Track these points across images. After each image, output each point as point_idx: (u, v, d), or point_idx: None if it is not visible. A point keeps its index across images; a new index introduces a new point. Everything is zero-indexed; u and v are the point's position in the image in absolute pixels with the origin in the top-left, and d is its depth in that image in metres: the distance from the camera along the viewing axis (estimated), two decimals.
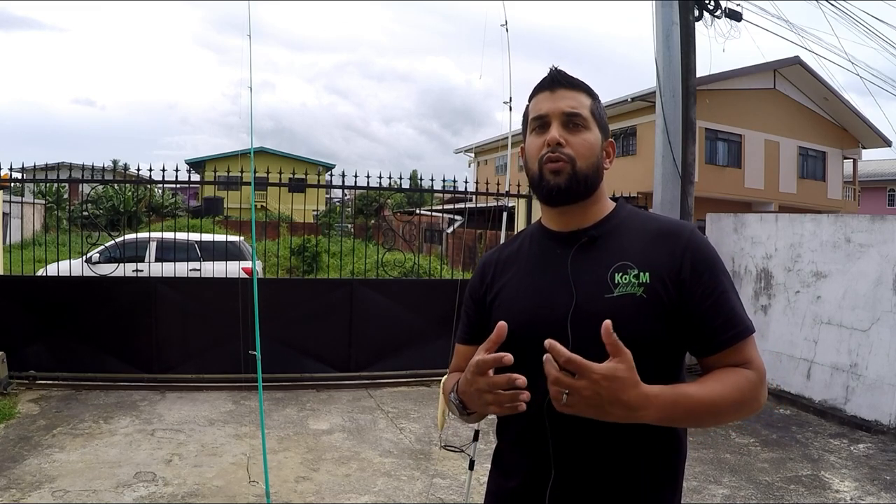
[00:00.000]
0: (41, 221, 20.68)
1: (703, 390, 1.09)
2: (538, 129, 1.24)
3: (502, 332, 1.07)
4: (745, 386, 1.12)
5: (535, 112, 1.25)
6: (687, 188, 6.67)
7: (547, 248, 1.27)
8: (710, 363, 1.18)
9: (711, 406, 1.09)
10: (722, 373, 1.15)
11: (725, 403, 1.10)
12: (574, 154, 1.20)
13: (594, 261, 1.20)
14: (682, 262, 1.16)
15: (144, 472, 3.88)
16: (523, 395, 1.03)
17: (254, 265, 3.52)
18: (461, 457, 4.05)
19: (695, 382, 1.13)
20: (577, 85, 1.24)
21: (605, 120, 1.28)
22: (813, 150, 19.60)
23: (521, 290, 1.26)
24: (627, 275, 1.16)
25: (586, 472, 1.15)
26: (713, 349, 1.17)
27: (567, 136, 1.20)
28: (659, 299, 1.15)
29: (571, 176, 1.19)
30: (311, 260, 13.55)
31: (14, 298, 5.75)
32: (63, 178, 6.61)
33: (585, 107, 1.23)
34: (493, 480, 1.34)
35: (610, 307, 1.14)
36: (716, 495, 3.86)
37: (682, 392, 1.08)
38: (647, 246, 1.19)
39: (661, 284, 1.15)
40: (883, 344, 5.20)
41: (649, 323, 1.14)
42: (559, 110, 1.21)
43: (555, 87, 1.23)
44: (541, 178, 1.22)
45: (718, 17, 6.93)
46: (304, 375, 6.07)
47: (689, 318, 1.16)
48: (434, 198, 12.65)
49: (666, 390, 1.05)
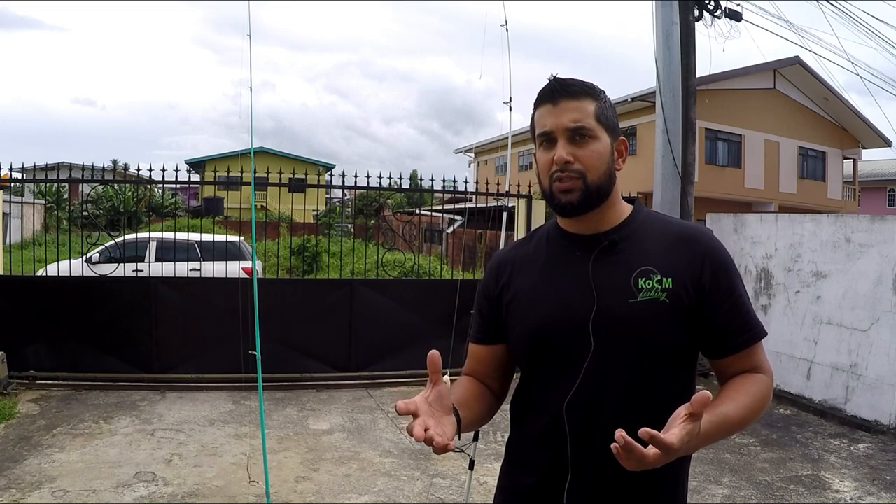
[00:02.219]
0: (41, 221, 20.68)
1: (738, 408, 1.11)
2: (545, 144, 1.22)
3: (435, 363, 1.02)
4: (766, 393, 1.18)
5: (539, 127, 1.23)
6: (687, 188, 6.67)
7: (566, 249, 1.26)
8: (725, 364, 1.21)
9: (741, 421, 1.13)
10: (746, 384, 1.17)
11: (752, 415, 1.14)
12: (584, 168, 1.18)
13: (616, 265, 1.20)
14: (703, 268, 1.18)
15: (144, 472, 3.88)
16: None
17: (254, 265, 3.52)
18: (461, 457, 4.04)
19: (727, 399, 1.13)
20: (579, 92, 1.20)
21: (613, 120, 1.24)
22: (813, 150, 19.61)
23: (541, 291, 1.25)
24: (651, 280, 1.16)
25: (602, 472, 1.16)
26: (728, 351, 1.20)
27: (575, 150, 1.18)
28: (681, 304, 1.16)
29: (583, 191, 1.19)
30: (311, 260, 13.54)
31: (14, 298, 5.75)
32: (63, 178, 6.61)
33: (590, 115, 1.19)
34: (506, 476, 1.33)
35: (634, 312, 1.15)
36: (716, 495, 3.86)
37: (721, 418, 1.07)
38: (668, 251, 1.20)
39: (682, 289, 1.16)
40: (883, 344, 5.20)
41: (673, 327, 1.16)
42: (563, 126, 1.18)
43: (556, 98, 1.20)
44: (552, 195, 1.21)
45: (718, 17, 6.94)
46: (304, 375, 6.07)
47: (706, 321, 1.18)
48: (434, 198, 12.65)
49: (712, 423, 1.04)
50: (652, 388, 1.16)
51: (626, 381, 1.16)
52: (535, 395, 1.26)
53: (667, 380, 1.17)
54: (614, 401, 1.16)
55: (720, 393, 1.17)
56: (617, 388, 1.16)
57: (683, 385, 1.21)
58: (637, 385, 1.16)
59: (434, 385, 1.03)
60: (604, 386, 1.16)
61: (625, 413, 1.13)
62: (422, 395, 1.03)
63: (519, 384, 1.33)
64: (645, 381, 1.16)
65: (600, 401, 1.16)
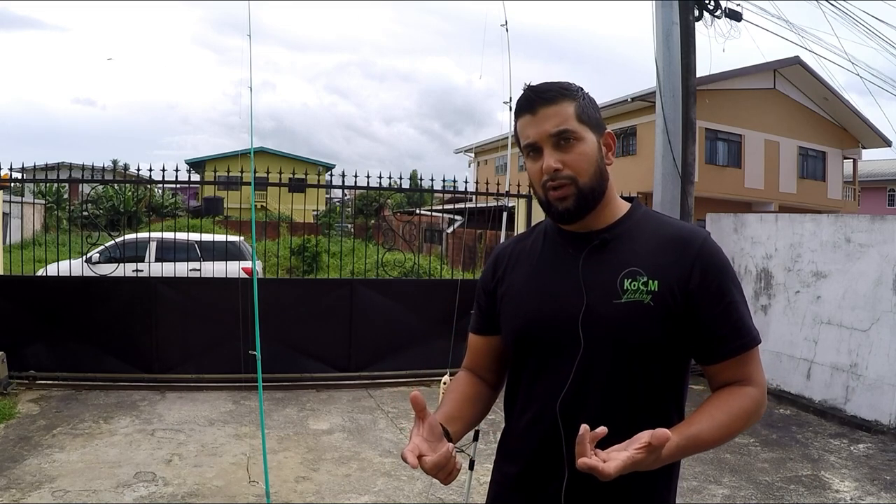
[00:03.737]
0: (41, 221, 20.68)
1: (712, 426, 1.12)
2: (532, 154, 1.21)
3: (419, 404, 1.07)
4: (750, 409, 1.16)
5: (523, 139, 1.22)
6: (687, 188, 6.67)
7: (559, 247, 1.27)
8: (714, 371, 1.20)
9: (718, 439, 1.13)
10: (728, 399, 1.16)
11: (731, 433, 1.15)
12: (574, 173, 1.18)
13: (605, 264, 1.20)
14: (692, 271, 1.16)
15: (144, 472, 3.88)
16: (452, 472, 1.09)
17: (254, 265, 3.52)
18: (461, 457, 4.04)
19: (703, 416, 1.14)
20: (555, 96, 1.18)
21: (595, 116, 1.22)
22: (813, 150, 19.60)
23: (532, 287, 1.26)
24: (636, 281, 1.16)
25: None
26: (718, 358, 1.18)
27: (561, 156, 1.17)
28: (666, 307, 1.15)
29: (577, 196, 1.18)
30: (311, 260, 13.55)
31: (14, 298, 5.75)
32: (63, 178, 6.61)
33: (571, 116, 1.17)
34: (496, 468, 1.36)
35: (617, 313, 1.15)
36: (716, 495, 3.86)
37: (693, 437, 1.09)
38: (658, 253, 1.19)
39: (669, 293, 1.15)
40: (883, 344, 5.20)
41: (656, 330, 1.15)
42: (546, 133, 1.17)
43: (534, 107, 1.19)
44: (549, 204, 1.22)
45: (718, 17, 6.94)
46: (304, 375, 6.07)
47: (696, 325, 1.17)
48: (434, 198, 12.65)
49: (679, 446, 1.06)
50: (634, 390, 1.16)
51: (606, 381, 1.16)
52: (522, 390, 1.28)
53: (650, 382, 1.17)
54: (597, 400, 1.16)
55: (701, 406, 1.16)
56: (599, 388, 1.16)
57: (671, 388, 1.21)
58: (618, 386, 1.16)
59: (422, 421, 1.09)
60: (587, 385, 1.16)
61: (607, 413, 1.13)
62: (416, 435, 1.08)
63: (508, 378, 1.35)
64: (626, 382, 1.16)
65: (585, 399, 1.17)
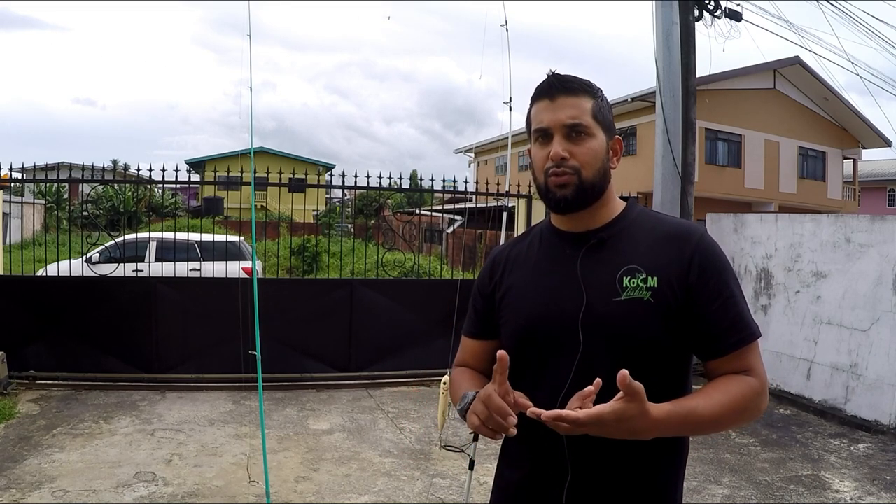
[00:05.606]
0: (41, 221, 20.68)
1: (708, 404, 1.11)
2: (541, 139, 1.22)
3: (505, 362, 1.08)
4: (748, 395, 1.14)
5: (536, 123, 1.23)
6: (687, 188, 6.67)
7: (556, 247, 1.27)
8: (715, 366, 1.20)
9: (715, 418, 1.11)
10: (726, 382, 1.16)
11: (728, 414, 1.12)
12: (579, 164, 1.19)
13: (603, 263, 1.20)
14: (690, 266, 1.17)
15: (144, 472, 3.88)
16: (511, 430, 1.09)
17: (254, 265, 3.52)
18: (461, 457, 4.05)
19: (700, 394, 1.14)
20: (577, 88, 1.21)
21: (609, 119, 1.25)
22: (813, 150, 19.61)
23: (531, 289, 1.26)
24: (636, 279, 1.16)
25: (599, 471, 1.17)
26: (718, 353, 1.18)
27: (571, 147, 1.19)
28: (666, 303, 1.15)
29: (578, 186, 1.19)
30: (311, 260, 13.55)
31: (14, 298, 5.75)
32: (63, 178, 6.60)
33: (587, 112, 1.20)
34: (498, 473, 1.36)
35: (618, 311, 1.15)
36: (716, 495, 3.86)
37: (688, 409, 1.09)
38: (656, 249, 1.19)
39: (668, 289, 1.15)
40: (883, 344, 5.20)
41: (657, 327, 1.15)
42: (560, 122, 1.19)
43: (554, 94, 1.21)
44: (547, 190, 1.22)
45: (718, 17, 6.94)
46: (304, 375, 6.07)
47: (695, 321, 1.17)
48: (434, 198, 12.65)
49: (672, 413, 1.06)
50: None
51: (607, 380, 1.15)
52: (523, 390, 1.26)
53: (652, 380, 1.14)
54: (598, 399, 1.15)
55: (698, 390, 1.17)
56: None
57: (672, 386, 1.20)
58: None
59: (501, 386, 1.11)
60: (588, 384, 1.15)
61: None
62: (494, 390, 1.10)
63: (509, 379, 1.34)
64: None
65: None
